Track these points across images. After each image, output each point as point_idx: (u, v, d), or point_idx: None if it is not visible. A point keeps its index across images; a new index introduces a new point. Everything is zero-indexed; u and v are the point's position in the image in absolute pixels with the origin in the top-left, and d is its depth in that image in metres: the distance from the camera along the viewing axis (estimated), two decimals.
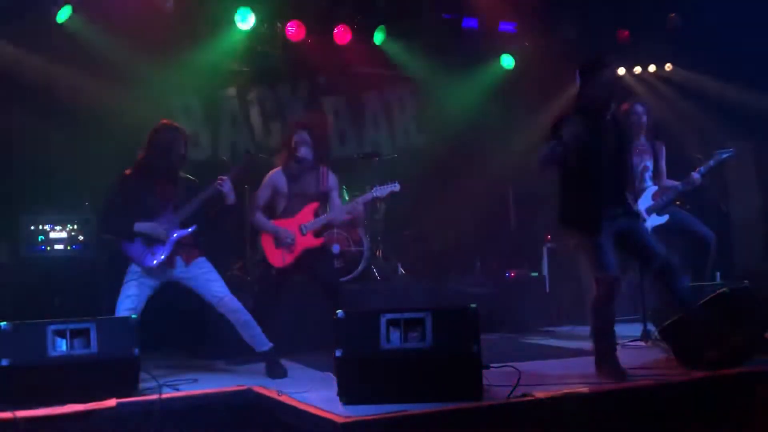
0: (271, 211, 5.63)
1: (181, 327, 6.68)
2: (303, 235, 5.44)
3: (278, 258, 5.44)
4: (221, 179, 4.96)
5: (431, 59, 8.31)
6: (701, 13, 7.97)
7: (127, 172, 4.94)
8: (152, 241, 4.86)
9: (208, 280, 4.95)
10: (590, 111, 4.39)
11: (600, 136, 4.38)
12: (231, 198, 4.97)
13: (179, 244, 4.91)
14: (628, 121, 5.83)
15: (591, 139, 4.32)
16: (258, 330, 4.97)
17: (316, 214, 5.50)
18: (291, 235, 5.40)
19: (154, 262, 4.84)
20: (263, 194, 5.56)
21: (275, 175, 5.56)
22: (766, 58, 7.55)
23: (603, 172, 4.38)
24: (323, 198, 5.57)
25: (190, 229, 4.94)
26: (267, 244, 5.51)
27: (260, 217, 5.54)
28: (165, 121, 5.02)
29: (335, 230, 6.92)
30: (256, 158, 5.36)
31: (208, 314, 6.07)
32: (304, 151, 5.46)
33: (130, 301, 4.79)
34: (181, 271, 4.93)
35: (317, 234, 5.50)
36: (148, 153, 4.91)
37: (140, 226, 4.83)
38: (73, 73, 6.67)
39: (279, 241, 5.42)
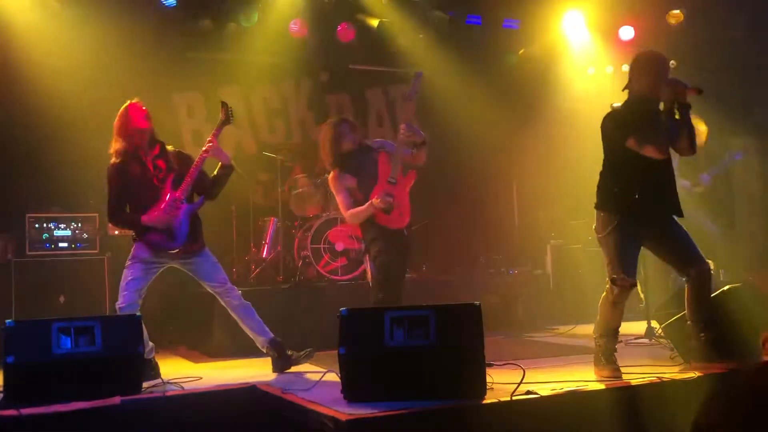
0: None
1: (185, 325, 6.71)
2: (395, 184, 5.24)
3: (397, 219, 5.24)
4: (208, 142, 4.89)
5: (435, 56, 8.30)
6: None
7: (114, 161, 4.81)
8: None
9: (212, 267, 4.93)
10: (651, 103, 4.37)
11: (658, 128, 4.35)
12: (224, 157, 4.95)
13: (189, 229, 4.82)
14: None
15: (653, 129, 4.30)
16: (258, 319, 4.96)
17: (388, 163, 5.29)
18: (391, 194, 5.18)
19: (177, 243, 4.78)
20: (345, 200, 5.29)
21: (339, 180, 5.30)
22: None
23: (654, 164, 4.32)
24: (382, 157, 5.34)
25: (198, 202, 4.90)
26: (380, 218, 5.23)
27: (356, 211, 5.23)
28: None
29: (339, 228, 6.92)
30: (231, 109, 5.14)
31: (212, 312, 6.12)
32: (351, 138, 5.27)
33: (136, 282, 4.73)
34: (186, 256, 4.87)
35: (403, 173, 5.32)
36: (118, 139, 4.80)
37: (148, 220, 4.73)
38: (76, 71, 6.68)
39: (386, 208, 5.17)
